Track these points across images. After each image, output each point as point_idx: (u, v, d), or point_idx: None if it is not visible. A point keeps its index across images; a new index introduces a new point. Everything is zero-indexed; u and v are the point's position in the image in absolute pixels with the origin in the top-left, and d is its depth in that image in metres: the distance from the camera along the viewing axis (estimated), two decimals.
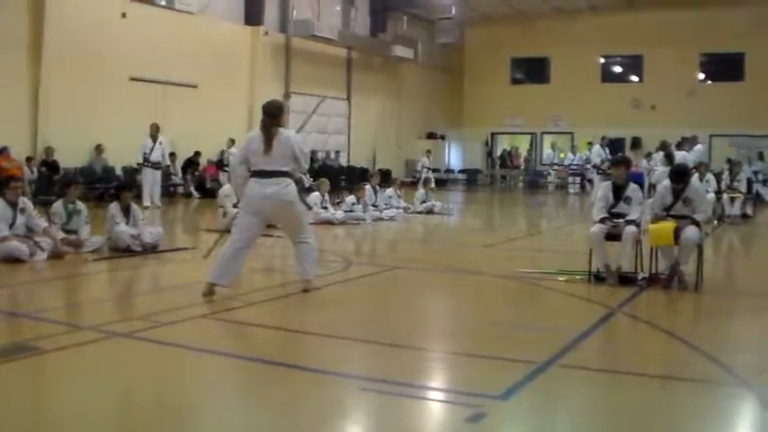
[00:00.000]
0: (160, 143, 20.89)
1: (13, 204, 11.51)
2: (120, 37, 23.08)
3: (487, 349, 6.91)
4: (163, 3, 25.40)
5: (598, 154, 26.23)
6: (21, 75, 21.18)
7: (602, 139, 27.14)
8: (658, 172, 20.27)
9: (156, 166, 20.90)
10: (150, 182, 20.99)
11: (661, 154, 21.67)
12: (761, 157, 31.11)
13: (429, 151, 35.03)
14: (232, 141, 25.76)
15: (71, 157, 21.71)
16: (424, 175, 27.73)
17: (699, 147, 22.66)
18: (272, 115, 8.96)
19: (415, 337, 7.66)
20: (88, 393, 5.69)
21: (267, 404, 5.49)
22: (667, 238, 9.82)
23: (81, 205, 12.61)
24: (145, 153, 20.94)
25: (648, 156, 25.72)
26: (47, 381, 6.02)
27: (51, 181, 20.54)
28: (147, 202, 20.29)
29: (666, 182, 10.44)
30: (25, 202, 11.78)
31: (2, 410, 5.21)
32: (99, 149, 22.53)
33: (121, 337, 7.05)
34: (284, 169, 8.96)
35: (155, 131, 20.53)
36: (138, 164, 21.47)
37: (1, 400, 5.40)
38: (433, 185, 23.95)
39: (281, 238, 14.76)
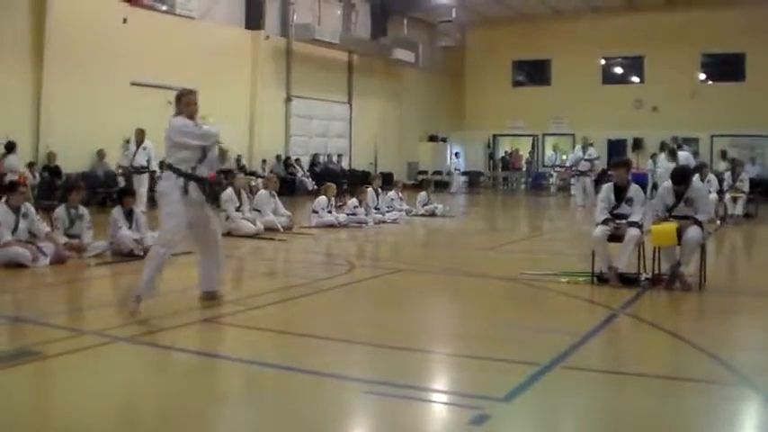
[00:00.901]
0: (144, 148, 20.71)
1: (16, 209, 11.52)
2: (122, 42, 23.10)
3: (491, 351, 6.90)
4: (164, 8, 25.40)
5: (575, 155, 26.41)
6: (23, 80, 21.21)
7: (583, 140, 27.11)
8: (662, 170, 20.26)
9: (139, 170, 20.72)
10: (136, 186, 20.86)
11: (664, 154, 21.63)
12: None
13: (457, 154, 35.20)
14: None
15: (73, 162, 21.69)
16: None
17: (683, 153, 22.38)
18: (176, 103, 8.69)
19: (419, 339, 7.66)
20: (91, 398, 5.69)
21: (270, 407, 5.50)
22: (670, 239, 9.81)
23: (83, 210, 12.62)
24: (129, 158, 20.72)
25: (654, 156, 25.70)
26: (50, 385, 6.02)
27: (53, 186, 20.54)
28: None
29: (668, 183, 10.44)
30: (28, 207, 11.79)
31: (6, 415, 5.22)
32: (101, 154, 22.50)
33: (124, 341, 7.05)
34: (168, 161, 8.46)
35: (139, 137, 20.22)
36: (119, 167, 21.35)
37: (4, 405, 5.41)
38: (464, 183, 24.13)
39: (283, 242, 14.86)
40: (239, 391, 6.02)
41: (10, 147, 19.43)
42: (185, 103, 8.64)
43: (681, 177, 10.30)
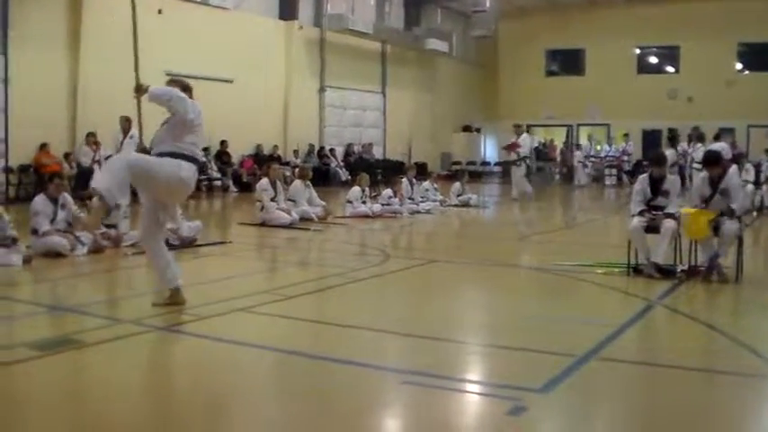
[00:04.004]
0: (131, 137, 20.47)
1: (54, 200, 11.64)
2: (157, 33, 23.22)
3: (526, 342, 6.90)
4: None
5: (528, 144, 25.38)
6: (59, 72, 21.39)
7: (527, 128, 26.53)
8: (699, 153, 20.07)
9: None
10: None
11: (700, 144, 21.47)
12: None
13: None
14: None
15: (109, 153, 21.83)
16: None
17: (719, 144, 22.11)
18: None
19: (453, 329, 7.68)
20: (129, 385, 5.76)
21: (307, 397, 5.52)
22: (702, 231, 9.75)
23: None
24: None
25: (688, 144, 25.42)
26: (89, 373, 6.08)
27: (89, 177, 20.67)
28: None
29: (704, 173, 10.38)
30: (66, 197, 11.91)
31: (46, 402, 5.29)
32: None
33: (161, 330, 7.13)
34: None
35: (125, 125, 19.31)
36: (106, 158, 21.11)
37: (46, 392, 5.48)
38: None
39: (317, 232, 14.91)
40: (276, 380, 6.06)
41: None
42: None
43: (712, 160, 10.24)
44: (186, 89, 8.08)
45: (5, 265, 10.22)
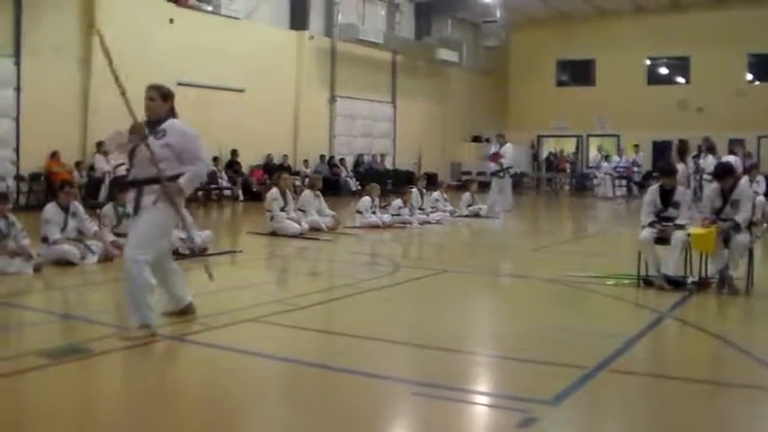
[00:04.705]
0: None
1: (65, 208, 11.67)
2: (168, 42, 23.33)
3: (536, 353, 6.87)
4: (209, 8, 25.60)
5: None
6: (71, 80, 21.48)
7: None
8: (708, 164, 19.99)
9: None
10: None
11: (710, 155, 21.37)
12: None
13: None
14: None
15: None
16: None
17: (731, 157, 22.02)
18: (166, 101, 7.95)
19: (464, 340, 7.66)
20: (139, 394, 5.77)
21: (317, 407, 5.52)
22: (708, 245, 9.73)
23: (131, 208, 12.71)
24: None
25: (696, 158, 25.32)
26: (99, 382, 6.09)
27: (100, 185, 20.77)
28: None
29: (715, 184, 10.36)
30: (76, 206, 11.93)
31: (55, 411, 5.29)
32: None
33: (172, 339, 7.12)
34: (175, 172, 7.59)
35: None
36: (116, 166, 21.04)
37: (55, 401, 5.48)
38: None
39: (327, 242, 14.91)
40: (286, 391, 6.05)
41: None
42: (146, 97, 7.85)
43: (722, 172, 10.23)
44: (166, 97, 7.84)
45: (17, 273, 10.25)
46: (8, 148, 20.35)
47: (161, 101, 7.72)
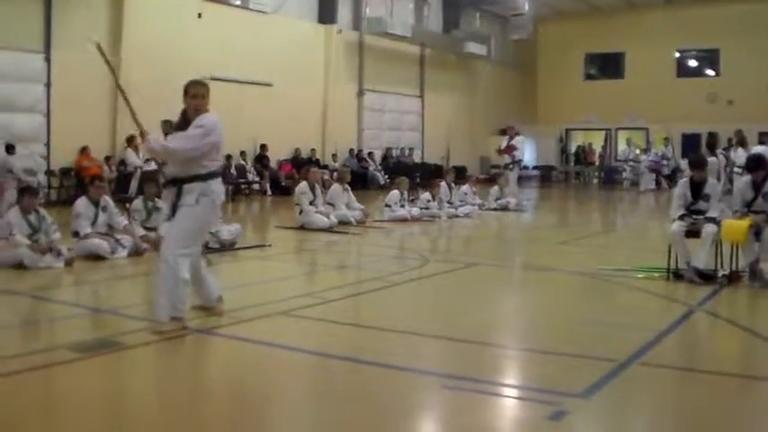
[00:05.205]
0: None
1: (96, 203, 11.73)
2: (197, 37, 23.38)
3: (566, 347, 6.83)
4: (237, 2, 25.59)
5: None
6: (100, 76, 21.51)
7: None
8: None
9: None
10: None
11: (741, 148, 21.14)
12: None
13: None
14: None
15: None
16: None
17: (761, 147, 21.73)
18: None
19: (493, 333, 7.64)
20: (169, 388, 5.79)
21: (347, 400, 5.51)
22: (739, 235, 9.63)
23: (160, 203, 12.79)
24: None
25: (726, 150, 25.08)
26: (129, 376, 6.11)
27: (129, 179, 20.88)
28: None
29: (746, 177, 10.26)
30: (107, 200, 12.00)
31: (86, 405, 5.32)
32: None
33: (202, 333, 7.13)
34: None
35: (165, 127, 18.98)
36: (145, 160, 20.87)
37: (86, 395, 5.51)
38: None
39: (356, 236, 14.91)
40: (316, 384, 6.05)
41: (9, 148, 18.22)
42: (192, 95, 7.86)
43: (755, 164, 10.12)
44: (186, 93, 7.80)
45: (47, 267, 10.33)
46: (39, 143, 20.46)
47: (207, 97, 7.78)
